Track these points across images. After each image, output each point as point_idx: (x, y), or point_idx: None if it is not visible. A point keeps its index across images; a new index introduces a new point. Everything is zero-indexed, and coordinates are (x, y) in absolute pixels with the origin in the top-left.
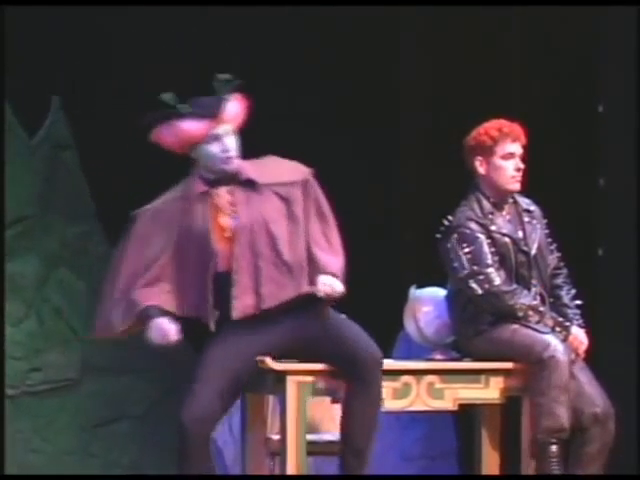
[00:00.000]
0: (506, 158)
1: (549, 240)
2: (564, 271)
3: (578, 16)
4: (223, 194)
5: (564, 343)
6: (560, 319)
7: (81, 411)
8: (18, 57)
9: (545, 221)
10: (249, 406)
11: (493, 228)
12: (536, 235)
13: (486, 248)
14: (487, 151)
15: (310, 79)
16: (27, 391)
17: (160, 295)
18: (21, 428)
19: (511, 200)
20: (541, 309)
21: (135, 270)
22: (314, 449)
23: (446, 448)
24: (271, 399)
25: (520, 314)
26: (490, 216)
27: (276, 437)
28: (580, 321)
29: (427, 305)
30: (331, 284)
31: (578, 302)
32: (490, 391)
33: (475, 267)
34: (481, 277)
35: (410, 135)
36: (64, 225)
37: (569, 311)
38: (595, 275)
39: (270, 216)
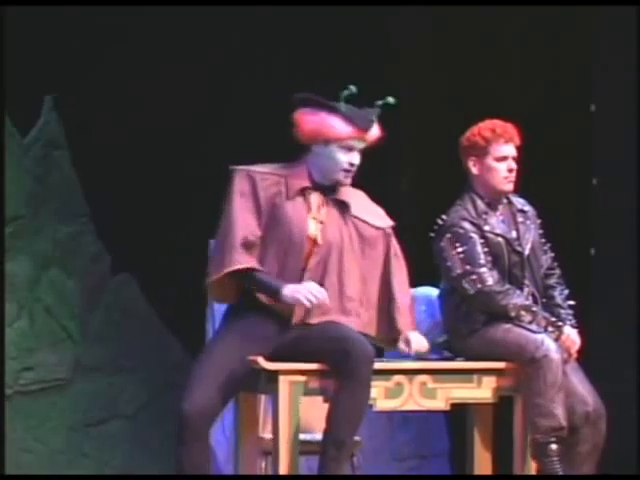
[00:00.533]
0: (499, 160)
1: (543, 240)
2: (557, 271)
3: (572, 16)
4: (316, 199)
5: (556, 342)
6: (553, 319)
7: (73, 411)
8: (11, 56)
9: (539, 221)
10: (242, 405)
11: (487, 228)
12: (530, 235)
13: (479, 248)
14: (480, 152)
15: (306, 76)
16: (20, 391)
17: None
18: (14, 427)
19: (505, 200)
20: (534, 309)
21: (249, 226)
22: (306, 449)
23: (438, 448)
24: (263, 398)
25: (513, 314)
26: (484, 216)
27: (268, 436)
28: (573, 321)
29: (419, 305)
30: (420, 343)
31: (571, 302)
32: (482, 391)
33: (468, 267)
34: (474, 277)
35: (406, 134)
36: (56, 225)
37: (562, 311)
38: (588, 275)
39: (347, 246)
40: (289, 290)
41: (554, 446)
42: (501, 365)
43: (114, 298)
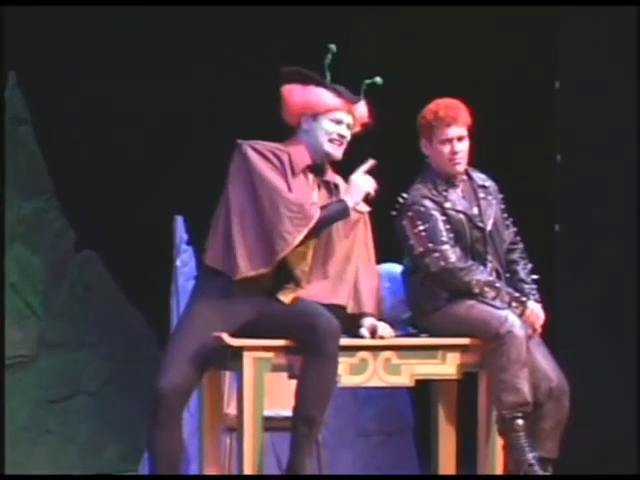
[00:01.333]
0: (443, 143)
1: (505, 215)
2: (520, 246)
3: None
4: (312, 181)
5: (520, 318)
6: (516, 294)
7: (37, 387)
8: None
9: (501, 196)
10: (207, 382)
11: (448, 205)
12: (491, 211)
13: (441, 225)
14: (428, 134)
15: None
16: None
17: None
18: None
19: (465, 177)
20: (497, 285)
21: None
22: (271, 425)
23: (403, 424)
24: (228, 375)
25: (476, 290)
26: (444, 193)
27: (233, 413)
28: (537, 296)
29: (383, 281)
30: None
31: (534, 277)
32: (447, 367)
33: (430, 244)
34: (436, 254)
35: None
36: (20, 201)
37: (525, 286)
38: (552, 250)
39: (333, 226)
40: (350, 196)
41: (520, 421)
42: (465, 341)
43: (78, 274)
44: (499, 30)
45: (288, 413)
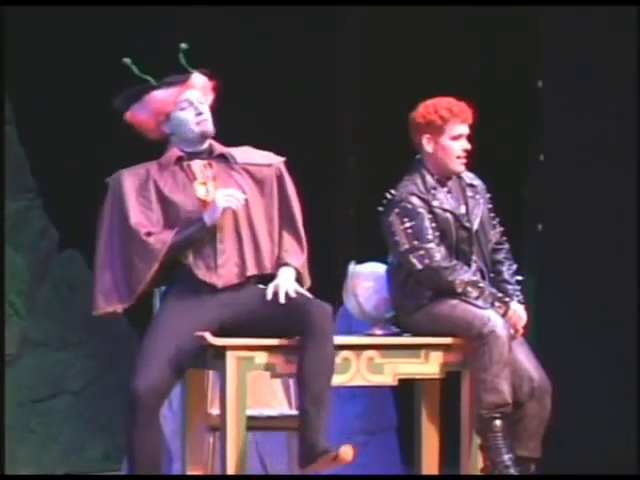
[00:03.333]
0: (455, 139)
1: (492, 215)
2: (505, 246)
3: None
4: (198, 165)
5: (503, 318)
6: (499, 295)
7: (20, 386)
8: None
9: (488, 196)
10: (189, 381)
11: (435, 203)
12: (479, 210)
13: (427, 223)
14: (436, 130)
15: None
16: None
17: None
18: None
19: (455, 175)
20: (481, 285)
21: (143, 218)
22: (254, 424)
23: (386, 422)
24: (211, 374)
25: (459, 290)
26: (433, 191)
27: (216, 412)
28: (520, 297)
29: (366, 280)
30: (286, 287)
31: (519, 278)
32: (430, 366)
33: (416, 242)
34: (421, 252)
35: (352, 111)
36: (3, 200)
37: (509, 287)
38: (535, 250)
39: (248, 194)
40: (207, 215)
41: (498, 422)
42: (448, 341)
43: (61, 273)
44: (481, 29)
45: (271, 412)
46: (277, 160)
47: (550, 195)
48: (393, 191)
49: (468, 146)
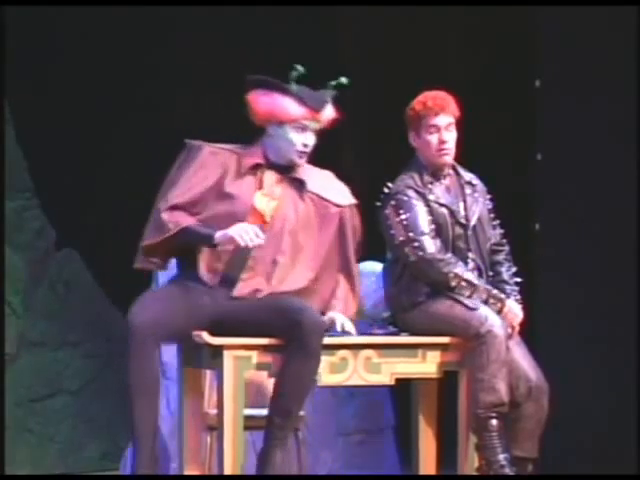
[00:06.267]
0: (431, 132)
1: (492, 216)
2: (506, 248)
3: None
4: (270, 177)
5: (501, 317)
6: (494, 291)
7: (17, 386)
8: None
9: (489, 197)
10: (186, 380)
11: (431, 197)
12: (477, 207)
13: (422, 216)
14: (416, 125)
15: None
16: None
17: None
18: None
19: (453, 172)
20: (474, 281)
21: (188, 191)
22: (251, 423)
23: (383, 422)
24: (208, 374)
25: (453, 284)
26: (429, 186)
27: (213, 411)
28: (517, 297)
29: (365, 279)
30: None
31: (517, 279)
32: (427, 365)
33: (411, 234)
34: (416, 244)
35: (349, 107)
36: (3, 199)
37: (507, 287)
38: (532, 249)
39: (303, 223)
40: (222, 234)
41: (494, 421)
42: (446, 340)
43: (58, 273)
44: (479, 29)
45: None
46: (347, 202)
47: (548, 194)
48: (390, 185)
49: (446, 137)
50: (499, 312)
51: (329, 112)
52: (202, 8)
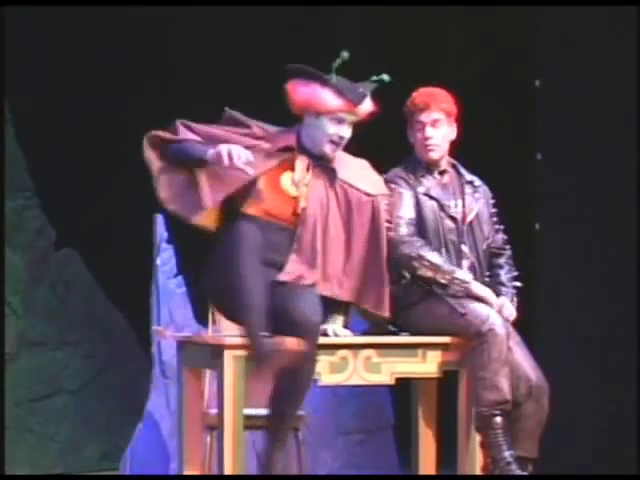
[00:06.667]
0: (418, 128)
1: (495, 220)
2: (508, 252)
3: None
4: (302, 162)
5: (501, 316)
6: (459, 274)
7: (17, 386)
8: None
9: (492, 202)
10: (186, 380)
11: (420, 190)
12: (476, 205)
13: (404, 202)
14: (409, 121)
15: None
16: None
17: None
18: None
19: (453, 170)
20: (437, 262)
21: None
22: (252, 423)
23: (383, 421)
24: (208, 373)
25: (415, 264)
26: (421, 179)
27: (213, 411)
28: (513, 299)
29: None
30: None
31: (516, 284)
32: (427, 365)
33: (388, 217)
34: (389, 225)
35: None
36: (3, 199)
37: (503, 289)
38: (532, 249)
39: (333, 210)
40: (212, 149)
41: (499, 419)
42: (446, 339)
43: (58, 273)
44: (479, 29)
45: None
46: (379, 192)
47: (548, 194)
48: (384, 174)
49: (430, 134)
50: (467, 296)
51: (367, 106)
52: (202, 8)
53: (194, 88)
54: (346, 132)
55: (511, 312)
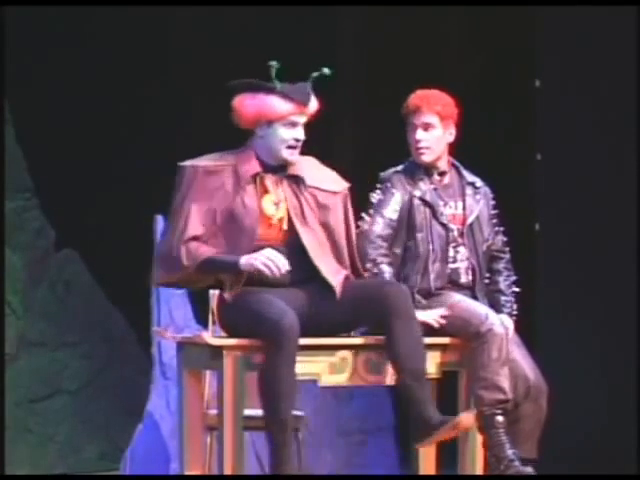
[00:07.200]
0: (410, 130)
1: (495, 221)
2: (507, 256)
3: None
4: (271, 180)
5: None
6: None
7: (17, 386)
8: None
9: (493, 203)
10: (186, 381)
11: (416, 193)
12: (476, 207)
13: (392, 203)
14: (405, 123)
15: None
16: None
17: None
18: None
19: (455, 171)
20: (383, 275)
21: (198, 221)
22: (251, 424)
23: (383, 422)
24: (208, 374)
25: (367, 265)
26: (419, 182)
27: (213, 412)
28: (511, 310)
29: None
30: None
31: (515, 289)
32: (427, 365)
33: (371, 210)
34: (367, 218)
35: (347, 104)
36: (3, 200)
37: (502, 298)
38: (532, 250)
39: (310, 219)
40: (245, 259)
41: (500, 418)
42: (445, 340)
43: (58, 273)
44: (479, 29)
45: None
46: (343, 187)
47: (548, 194)
48: (382, 173)
49: (420, 136)
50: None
51: (314, 104)
52: (202, 8)
53: (194, 88)
54: (300, 134)
55: (508, 327)
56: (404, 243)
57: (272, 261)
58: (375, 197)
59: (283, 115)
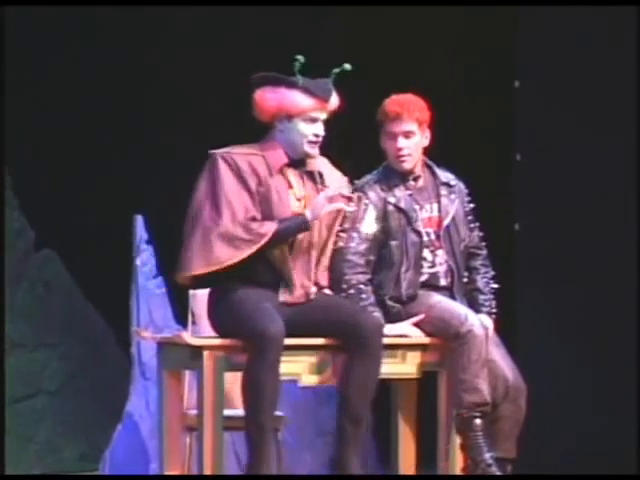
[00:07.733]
0: (390, 138)
1: (470, 218)
2: (483, 252)
3: None
4: (294, 174)
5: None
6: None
7: None
8: None
9: (468, 199)
10: (166, 381)
11: (391, 200)
12: (452, 207)
13: (368, 217)
14: (381, 129)
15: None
16: None
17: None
18: None
19: (428, 172)
20: (361, 295)
21: (241, 206)
22: (231, 424)
23: None
24: (188, 374)
25: (343, 285)
26: (394, 189)
27: (193, 412)
28: (489, 308)
29: None
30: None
31: (493, 286)
32: (407, 366)
33: (347, 225)
34: (343, 234)
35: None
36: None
37: (481, 296)
38: (512, 249)
39: (324, 217)
40: (311, 213)
41: (478, 421)
42: (425, 340)
43: (38, 274)
44: (458, 30)
45: None
46: (348, 190)
47: (527, 194)
48: (356, 181)
49: (402, 144)
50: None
51: (335, 100)
52: (202, 8)
53: (194, 88)
54: (320, 130)
55: (488, 327)
56: (379, 251)
57: (335, 203)
58: (349, 211)
59: (304, 110)
